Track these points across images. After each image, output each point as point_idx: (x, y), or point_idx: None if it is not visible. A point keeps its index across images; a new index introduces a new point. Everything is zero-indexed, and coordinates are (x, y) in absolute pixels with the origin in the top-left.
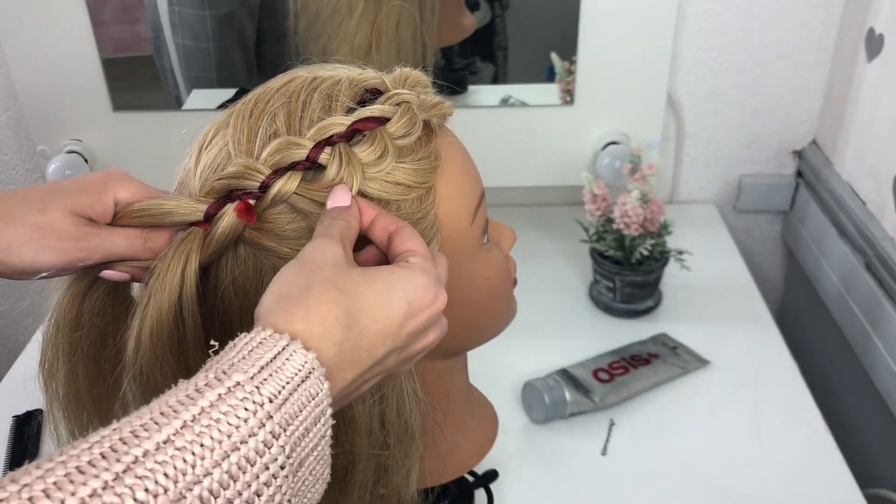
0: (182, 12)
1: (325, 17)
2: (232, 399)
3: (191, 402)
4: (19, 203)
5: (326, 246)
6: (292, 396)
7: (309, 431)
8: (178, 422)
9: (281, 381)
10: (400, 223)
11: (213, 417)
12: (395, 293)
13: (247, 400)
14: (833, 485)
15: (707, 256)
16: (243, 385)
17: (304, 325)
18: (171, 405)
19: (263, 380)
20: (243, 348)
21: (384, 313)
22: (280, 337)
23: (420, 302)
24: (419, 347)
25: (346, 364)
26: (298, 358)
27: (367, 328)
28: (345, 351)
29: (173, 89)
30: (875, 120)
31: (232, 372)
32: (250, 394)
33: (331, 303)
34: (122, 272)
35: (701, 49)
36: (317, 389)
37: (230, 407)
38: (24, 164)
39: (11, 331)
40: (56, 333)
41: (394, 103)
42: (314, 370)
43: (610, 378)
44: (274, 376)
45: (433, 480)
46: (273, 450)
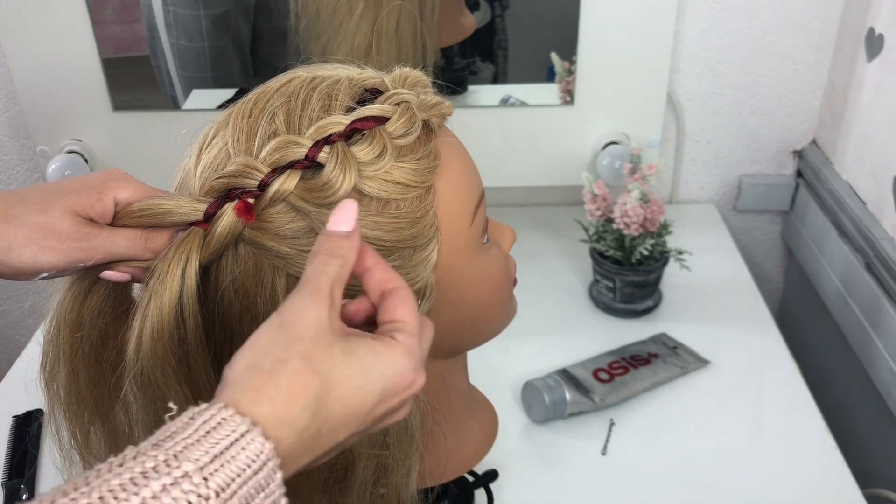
0: (177, 13)
1: (325, 18)
2: (176, 491)
3: (133, 488)
4: (19, 203)
5: (311, 308)
6: (241, 490)
7: None
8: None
9: (232, 472)
10: (396, 282)
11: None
12: (371, 378)
13: (191, 493)
14: (833, 485)
15: (707, 256)
16: (191, 476)
17: (271, 407)
18: (112, 489)
19: (214, 470)
20: (200, 428)
21: (355, 400)
22: (241, 421)
23: (395, 388)
24: (385, 425)
25: (305, 451)
26: (254, 447)
27: (333, 416)
28: (305, 439)
29: (169, 90)
30: (875, 120)
31: (182, 459)
32: (197, 486)
33: (303, 385)
34: (123, 272)
35: (701, 49)
36: (268, 480)
37: (173, 500)
38: (24, 164)
39: (12, 331)
40: (57, 334)
41: (393, 103)
42: (269, 461)
43: (610, 378)
44: (225, 467)
45: (433, 480)
46: None
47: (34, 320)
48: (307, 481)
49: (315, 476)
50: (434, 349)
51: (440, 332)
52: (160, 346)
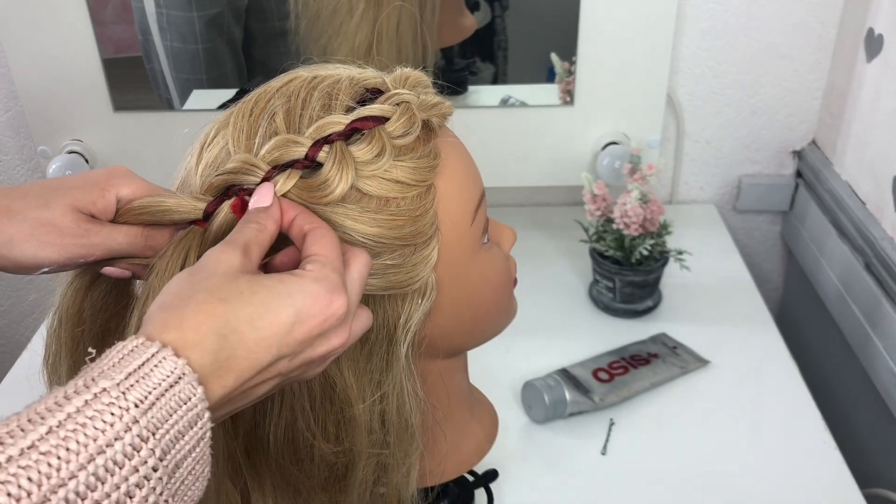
0: (170, 15)
1: (326, 18)
2: (97, 404)
3: (58, 408)
4: (22, 198)
5: (223, 253)
6: (160, 401)
7: (184, 434)
8: (44, 427)
9: (148, 386)
10: (315, 223)
11: (79, 422)
12: (281, 301)
13: (112, 405)
14: (832, 484)
15: (707, 256)
16: (109, 391)
17: (178, 334)
18: (38, 412)
19: (130, 386)
20: (114, 356)
21: (265, 321)
22: (151, 345)
23: (310, 309)
24: (320, 352)
25: (224, 371)
26: (168, 364)
27: (244, 336)
28: (221, 359)
29: (164, 92)
30: (874, 120)
31: (99, 379)
32: (116, 399)
33: (208, 313)
34: (123, 269)
35: (701, 49)
36: (189, 394)
37: (95, 412)
38: (24, 165)
39: (13, 329)
40: (59, 328)
41: (393, 103)
42: (184, 375)
43: (610, 378)
44: (141, 382)
45: (433, 480)
46: (142, 453)
47: (36, 317)
48: (307, 481)
49: (315, 475)
50: (434, 349)
51: (441, 331)
52: None
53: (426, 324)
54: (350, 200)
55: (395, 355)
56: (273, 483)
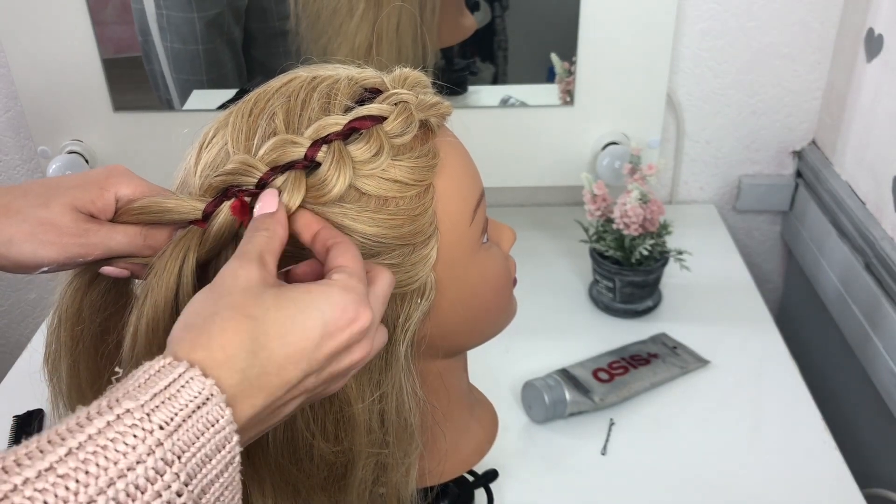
0: (170, 16)
1: (326, 18)
2: (120, 426)
3: (79, 429)
4: (21, 198)
5: (240, 268)
6: (186, 423)
7: (211, 458)
8: (63, 449)
9: (174, 408)
10: (339, 238)
11: (100, 444)
12: (309, 314)
13: (136, 427)
14: (832, 484)
15: (707, 256)
16: (133, 412)
17: (206, 353)
18: (59, 433)
19: (155, 407)
20: (140, 377)
21: (295, 336)
22: (178, 364)
23: (338, 322)
24: (344, 366)
25: (254, 390)
26: (195, 385)
27: (274, 353)
28: (251, 378)
29: (164, 93)
30: (874, 120)
31: (124, 399)
32: (140, 421)
33: (235, 330)
34: (122, 268)
35: (701, 49)
36: (217, 416)
37: (118, 434)
38: (24, 165)
39: (13, 329)
40: (58, 327)
41: (392, 103)
42: (213, 396)
43: (610, 378)
44: (167, 403)
45: (433, 479)
46: (166, 477)
47: (37, 316)
48: (307, 480)
49: (314, 474)
50: (434, 349)
51: (440, 331)
52: (155, 342)
53: (425, 323)
54: (349, 200)
55: (395, 355)
56: (272, 483)
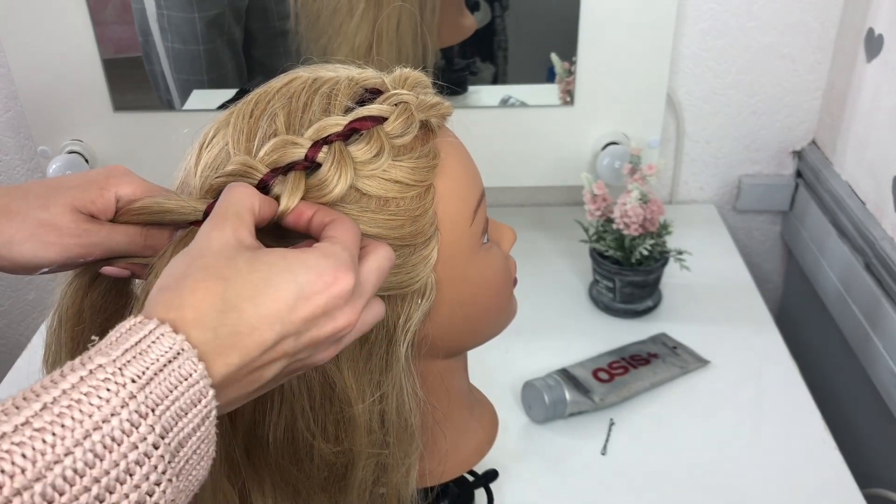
0: (171, 16)
1: (326, 18)
2: (93, 380)
3: (52, 385)
4: (21, 198)
5: (213, 229)
6: (158, 376)
7: (186, 412)
8: (38, 404)
9: (145, 362)
10: (335, 215)
11: (74, 398)
12: (282, 277)
13: (108, 381)
14: (832, 484)
15: (707, 256)
16: (105, 367)
17: (177, 313)
18: (34, 390)
19: (127, 362)
20: (112, 335)
21: (268, 298)
22: (148, 322)
23: (313, 284)
24: (326, 332)
25: (226, 349)
26: (166, 341)
27: (246, 313)
28: (222, 336)
29: (164, 93)
30: (874, 120)
31: (95, 356)
32: (112, 375)
33: (205, 290)
34: (123, 269)
35: (701, 49)
36: (189, 370)
37: (91, 388)
38: (24, 165)
39: (13, 330)
40: (58, 328)
41: (392, 103)
42: (183, 351)
43: (610, 378)
44: (138, 358)
45: (433, 480)
46: (141, 429)
47: (36, 317)
48: (307, 481)
49: (315, 475)
50: (434, 349)
51: (440, 331)
52: None
53: (426, 324)
54: (349, 200)
55: (395, 355)
56: (272, 483)
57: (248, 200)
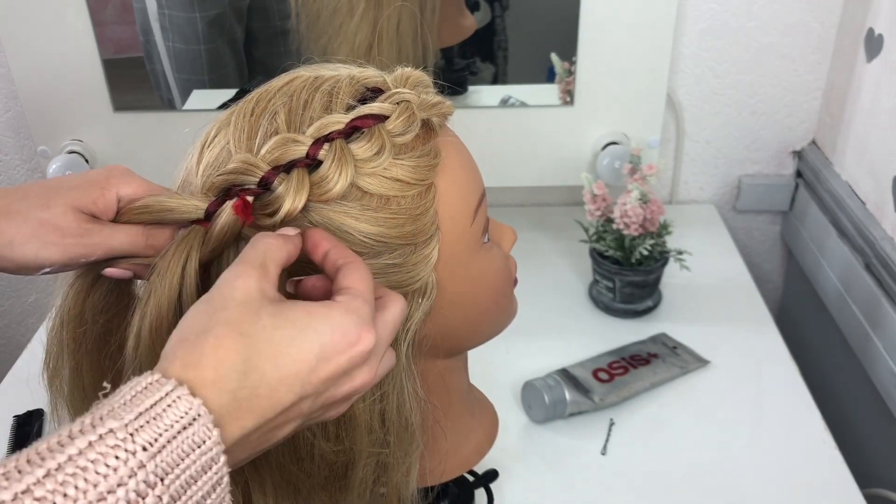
0: (172, 16)
1: (326, 18)
2: (102, 446)
3: (59, 448)
4: (22, 199)
5: (238, 277)
6: (171, 444)
7: (196, 480)
8: (42, 471)
9: (159, 428)
10: (350, 258)
11: (80, 465)
12: (306, 336)
13: (118, 448)
14: (833, 484)
15: (707, 256)
16: (116, 432)
17: (196, 372)
18: (39, 452)
19: (139, 427)
20: (127, 393)
21: (290, 359)
22: (166, 382)
23: (337, 345)
24: (343, 392)
25: (243, 412)
26: (182, 405)
27: (267, 374)
28: (241, 399)
29: (165, 92)
30: (874, 120)
31: (108, 418)
32: (122, 441)
33: (228, 348)
34: (125, 269)
35: (700, 49)
36: (203, 436)
37: (99, 455)
38: (24, 165)
39: (13, 330)
40: (60, 329)
41: (393, 101)
42: (199, 417)
43: (610, 378)
44: (151, 423)
45: (433, 479)
46: (148, 500)
47: (36, 318)
48: (307, 480)
49: (315, 474)
50: (435, 348)
51: (441, 331)
52: (158, 342)
53: (426, 323)
54: (350, 199)
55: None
56: (273, 482)
57: (277, 253)
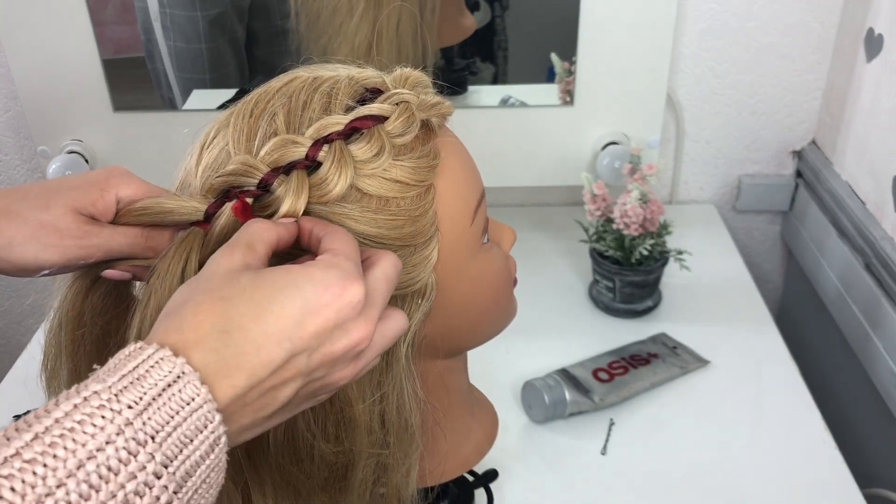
0: (174, 14)
1: (326, 18)
2: (87, 408)
3: (46, 414)
4: (21, 200)
5: (223, 256)
6: (156, 402)
7: (192, 439)
8: (29, 434)
9: (143, 387)
10: (329, 227)
11: (66, 427)
12: (287, 293)
13: (103, 408)
14: (833, 485)
15: (707, 256)
16: (100, 393)
17: (177, 336)
18: (27, 420)
19: (123, 387)
20: (111, 363)
21: (273, 316)
22: (147, 347)
23: (321, 298)
24: (341, 347)
25: (232, 370)
26: (165, 365)
27: (250, 332)
28: (227, 357)
29: (166, 92)
30: (874, 120)
31: (91, 383)
32: (107, 401)
33: (207, 312)
34: (124, 271)
35: (700, 49)
36: (191, 394)
37: (85, 416)
38: (24, 165)
39: (13, 331)
40: (59, 331)
41: (393, 102)
42: (184, 374)
43: (610, 378)
44: (135, 383)
45: (433, 480)
46: (140, 457)
47: (35, 319)
48: (307, 481)
49: (315, 475)
50: (435, 349)
51: (441, 331)
52: None
53: (426, 324)
54: (350, 200)
55: (395, 355)
56: (273, 483)
57: (265, 233)
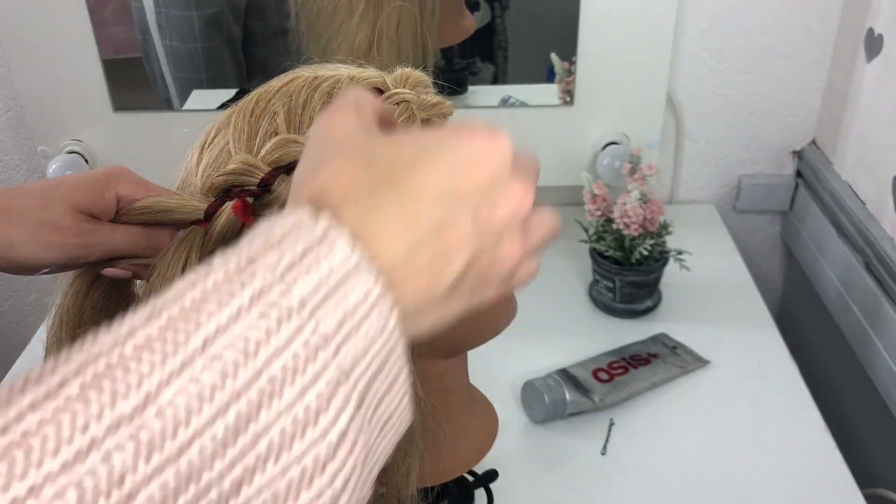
0: (169, 14)
1: (326, 18)
2: (262, 304)
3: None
4: (22, 199)
5: (333, 113)
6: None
7: (369, 348)
8: (198, 338)
9: (341, 311)
10: None
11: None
12: (432, 146)
13: (276, 307)
14: (833, 485)
15: (707, 256)
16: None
17: (327, 198)
18: (173, 319)
19: (318, 305)
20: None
21: (425, 166)
22: (317, 220)
23: (470, 149)
24: (503, 213)
25: (392, 226)
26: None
27: (404, 185)
28: (377, 213)
29: (163, 92)
30: (874, 120)
31: (258, 265)
32: (281, 296)
33: (350, 170)
34: (124, 269)
35: (700, 49)
36: (367, 286)
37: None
38: (24, 165)
39: (13, 331)
40: (59, 330)
41: (394, 102)
42: (355, 258)
43: (610, 378)
44: (328, 301)
45: (433, 480)
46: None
47: (36, 317)
48: None
49: None
50: (435, 349)
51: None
52: None
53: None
54: None
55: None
56: None
57: (369, 101)
